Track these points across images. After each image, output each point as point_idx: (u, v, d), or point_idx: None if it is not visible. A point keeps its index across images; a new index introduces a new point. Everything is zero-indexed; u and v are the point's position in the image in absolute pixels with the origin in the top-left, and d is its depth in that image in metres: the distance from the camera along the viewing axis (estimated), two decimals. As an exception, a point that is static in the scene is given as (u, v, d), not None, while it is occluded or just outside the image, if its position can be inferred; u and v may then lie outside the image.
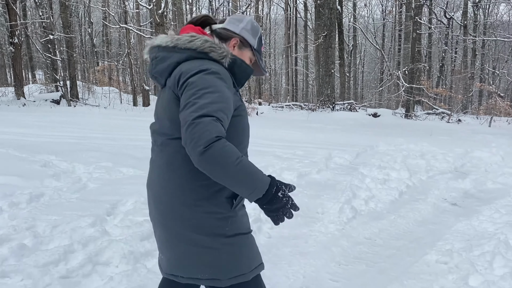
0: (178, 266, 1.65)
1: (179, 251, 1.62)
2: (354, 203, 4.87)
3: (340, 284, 3.05)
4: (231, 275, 1.60)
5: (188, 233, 1.58)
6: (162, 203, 1.63)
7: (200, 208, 1.55)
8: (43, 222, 3.63)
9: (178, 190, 1.58)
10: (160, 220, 1.66)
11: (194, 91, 1.47)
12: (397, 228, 4.32)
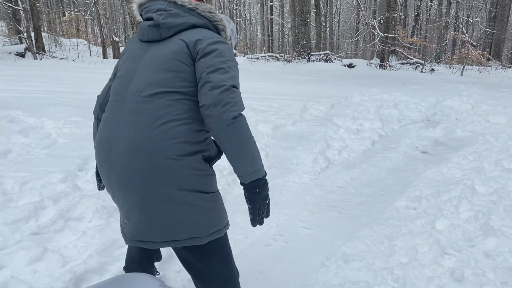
0: (150, 230, 1.57)
1: (156, 212, 1.53)
2: (328, 153, 4.92)
3: (313, 231, 3.12)
4: (210, 231, 1.61)
5: (169, 189, 1.51)
6: (143, 156, 1.50)
7: (185, 163, 1.51)
8: (11, 179, 3.53)
9: (165, 143, 1.50)
10: (135, 179, 1.52)
11: (224, 59, 1.53)
12: (368, 176, 4.41)
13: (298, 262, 2.71)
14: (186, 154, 1.52)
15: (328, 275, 2.53)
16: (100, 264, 2.47)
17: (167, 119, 1.51)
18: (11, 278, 2.27)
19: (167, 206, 1.52)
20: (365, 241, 2.94)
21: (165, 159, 1.49)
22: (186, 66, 1.55)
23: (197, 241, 1.59)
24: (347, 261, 2.66)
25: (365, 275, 2.51)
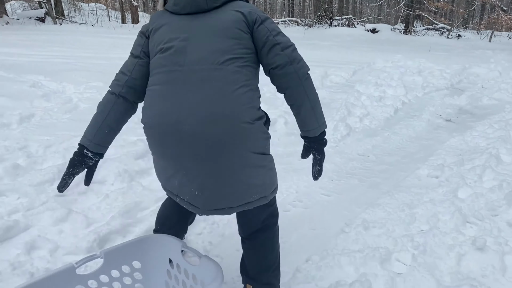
0: (228, 196, 1.61)
1: (234, 177, 1.57)
2: (349, 120, 4.85)
3: (332, 198, 3.12)
4: (271, 189, 1.73)
5: (246, 153, 1.56)
6: (221, 122, 1.50)
7: (256, 127, 1.57)
8: (36, 143, 3.60)
9: (240, 108, 1.53)
10: (213, 146, 1.51)
11: (276, 27, 1.65)
12: (390, 144, 4.35)
13: (317, 228, 2.72)
14: (256, 118, 1.58)
15: (347, 241, 2.53)
16: (123, 225, 2.52)
17: (238, 85, 1.54)
18: (38, 237, 2.34)
19: (243, 169, 1.57)
20: (386, 209, 2.92)
21: (241, 123, 1.53)
22: (244, 34, 1.58)
23: (263, 200, 1.69)
24: (366, 227, 2.66)
25: (384, 242, 2.51)
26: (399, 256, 2.38)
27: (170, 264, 1.87)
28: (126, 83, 1.68)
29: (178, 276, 1.84)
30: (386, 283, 2.11)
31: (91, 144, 1.73)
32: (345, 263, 2.28)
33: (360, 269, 2.24)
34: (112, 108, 1.70)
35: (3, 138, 3.67)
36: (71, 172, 1.76)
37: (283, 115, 4.82)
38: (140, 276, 1.87)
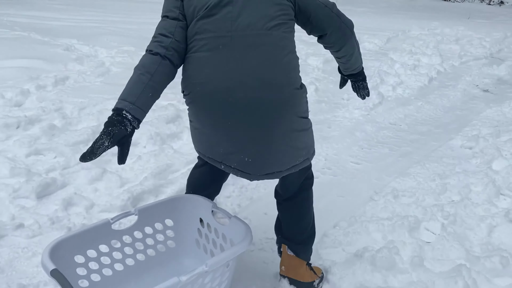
0: (278, 160, 1.62)
1: (285, 141, 1.59)
2: (381, 89, 4.75)
3: (362, 166, 3.09)
4: (312, 151, 1.77)
5: (295, 118, 1.59)
6: (274, 88, 1.50)
7: (302, 92, 1.61)
8: (70, 104, 3.69)
9: (291, 74, 1.57)
10: (266, 112, 1.51)
11: None
12: (423, 114, 4.24)
13: (346, 195, 2.72)
14: (300, 82, 1.61)
15: (376, 208, 2.53)
16: (155, 186, 2.59)
17: (288, 50, 1.55)
18: (75, 195, 2.44)
19: (292, 134, 1.60)
20: (416, 178, 2.88)
21: (292, 89, 1.55)
22: (286, 1, 1.57)
23: (307, 162, 1.73)
24: (396, 196, 2.64)
25: (414, 211, 2.49)
26: (428, 225, 2.37)
27: (201, 223, 1.92)
28: (171, 44, 1.55)
29: (208, 235, 1.89)
30: (414, 250, 2.11)
31: (133, 107, 1.51)
32: (373, 230, 2.29)
33: (388, 236, 2.24)
34: (158, 69, 1.54)
35: (39, 100, 3.78)
36: (109, 131, 1.48)
37: (313, 82, 4.76)
38: (172, 234, 1.94)
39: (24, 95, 3.80)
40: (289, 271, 1.84)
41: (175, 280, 1.41)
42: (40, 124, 3.25)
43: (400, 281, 1.91)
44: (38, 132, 3.10)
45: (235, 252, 1.62)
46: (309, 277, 1.85)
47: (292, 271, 1.84)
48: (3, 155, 2.78)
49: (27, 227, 2.15)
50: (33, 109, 3.54)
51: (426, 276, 1.94)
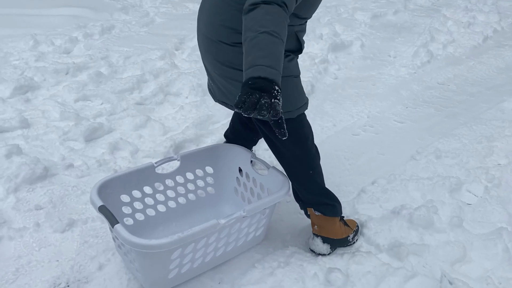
0: (227, 94, 1.71)
1: (227, 80, 1.66)
2: (431, 47, 4.53)
3: (405, 125, 3.02)
4: (298, 105, 1.66)
5: (230, 69, 1.62)
6: (212, 34, 1.61)
7: (231, 48, 1.57)
8: (116, 53, 3.77)
9: (224, 26, 1.58)
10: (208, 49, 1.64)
11: None
12: (474, 74, 4.04)
13: (386, 153, 2.68)
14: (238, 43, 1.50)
15: (417, 168, 2.48)
16: (197, 135, 2.64)
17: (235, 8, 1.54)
18: (120, 140, 2.53)
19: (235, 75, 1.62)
20: (461, 140, 2.79)
21: (223, 43, 1.60)
22: None
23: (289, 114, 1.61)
24: (438, 156, 2.57)
25: (456, 172, 2.43)
26: (471, 187, 2.31)
27: (239, 172, 1.96)
28: None
29: (246, 183, 1.93)
30: (453, 211, 2.08)
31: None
32: (412, 189, 2.26)
33: (427, 196, 2.21)
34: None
35: (87, 48, 3.87)
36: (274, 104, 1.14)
37: (359, 38, 4.60)
38: (211, 181, 1.99)
39: (72, 42, 3.90)
40: (321, 230, 1.83)
41: (214, 222, 1.47)
42: (88, 71, 3.35)
43: (437, 240, 1.90)
44: (85, 79, 3.21)
45: (272, 201, 1.66)
46: (342, 233, 1.86)
47: (325, 230, 1.82)
48: (54, 100, 2.90)
49: (76, 168, 2.27)
50: (81, 57, 3.64)
51: (464, 236, 1.92)
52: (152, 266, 1.49)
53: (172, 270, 1.53)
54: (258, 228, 1.76)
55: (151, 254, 1.42)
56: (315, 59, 3.93)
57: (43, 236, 1.82)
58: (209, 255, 1.63)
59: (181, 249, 1.47)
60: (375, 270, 1.71)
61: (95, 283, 1.64)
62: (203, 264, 1.64)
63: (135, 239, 1.37)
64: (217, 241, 1.60)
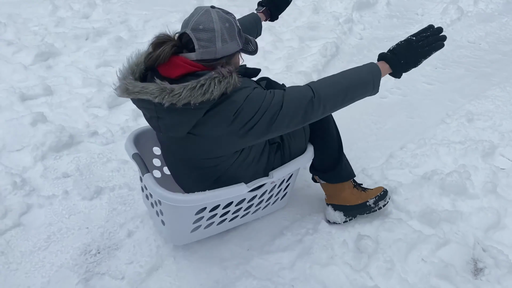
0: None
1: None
2: (461, 3, 4.31)
3: (435, 87, 2.91)
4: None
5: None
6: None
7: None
8: (135, 17, 3.69)
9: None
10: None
11: None
12: (508, 32, 3.84)
13: (415, 117, 2.59)
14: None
15: (447, 131, 2.40)
16: (219, 101, 2.60)
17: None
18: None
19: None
20: (495, 101, 2.68)
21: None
22: None
23: None
24: (470, 119, 2.48)
25: (489, 135, 2.34)
26: (504, 152, 2.23)
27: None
28: None
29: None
30: (486, 176, 2.01)
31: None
32: (443, 153, 2.19)
33: (459, 160, 2.14)
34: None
35: (105, 12, 3.81)
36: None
37: (385, -5, 4.40)
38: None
39: (91, 6, 3.83)
40: (331, 198, 1.79)
41: (241, 186, 1.45)
42: (108, 36, 3.30)
43: (470, 206, 1.85)
44: (106, 44, 3.16)
45: (297, 165, 1.62)
46: (357, 198, 1.78)
47: (334, 198, 1.78)
48: (75, 66, 2.88)
49: (101, 135, 2.26)
50: (100, 21, 3.58)
51: (499, 202, 1.86)
52: (176, 219, 1.50)
53: (195, 226, 1.54)
54: (282, 192, 1.74)
55: (175, 208, 1.42)
56: (339, 18, 3.78)
57: (72, 203, 1.84)
58: (233, 217, 1.63)
59: (207, 207, 1.46)
60: (406, 237, 1.68)
61: (125, 249, 1.66)
62: (226, 224, 1.64)
63: (162, 191, 1.37)
64: (243, 205, 1.58)
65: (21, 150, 2.09)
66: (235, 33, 1.29)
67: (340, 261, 1.61)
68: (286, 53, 3.19)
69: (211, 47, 1.24)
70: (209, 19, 1.24)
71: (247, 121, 1.27)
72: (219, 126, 1.28)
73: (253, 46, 1.40)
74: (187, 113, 1.24)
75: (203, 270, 1.58)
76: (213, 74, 1.22)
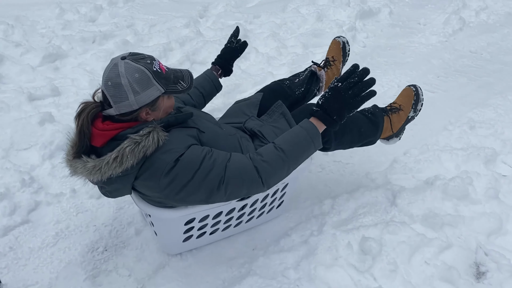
0: None
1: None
2: (463, 13, 4.36)
3: (437, 95, 2.94)
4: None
5: None
6: None
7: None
8: (141, 21, 3.74)
9: None
10: None
11: None
12: (509, 42, 3.88)
13: (418, 123, 2.60)
14: None
15: (450, 138, 2.43)
16: (224, 104, 2.63)
17: None
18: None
19: None
20: (496, 110, 2.71)
21: None
22: None
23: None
24: (472, 127, 2.51)
25: (491, 143, 2.37)
26: (506, 159, 2.26)
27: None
28: None
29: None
30: (488, 182, 2.04)
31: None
32: (446, 159, 2.22)
33: (461, 167, 2.17)
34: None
35: (112, 16, 3.85)
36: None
37: (388, 4, 4.45)
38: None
39: (97, 10, 3.88)
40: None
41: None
42: (114, 39, 3.34)
43: (472, 211, 1.87)
44: (112, 47, 3.20)
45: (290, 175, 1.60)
46: (399, 122, 1.90)
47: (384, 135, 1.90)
48: (82, 68, 2.91)
49: (108, 136, 2.29)
50: (106, 25, 3.62)
51: (501, 208, 1.89)
52: (166, 230, 1.52)
53: (186, 235, 1.56)
54: (277, 201, 1.75)
55: (163, 220, 1.45)
56: (342, 26, 3.83)
57: (80, 202, 1.86)
58: (225, 226, 1.65)
59: (195, 218, 1.49)
60: (409, 240, 1.70)
61: (132, 247, 1.68)
62: (219, 234, 1.67)
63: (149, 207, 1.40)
64: (234, 214, 1.60)
65: (29, 149, 2.11)
66: (151, 80, 1.24)
67: (345, 262, 1.63)
68: (290, 59, 3.23)
69: (124, 101, 1.23)
70: (116, 74, 1.22)
71: (180, 189, 1.27)
72: (153, 190, 1.30)
73: (185, 83, 1.35)
74: (118, 181, 1.27)
75: (210, 268, 1.61)
76: (125, 143, 1.22)
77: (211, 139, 1.41)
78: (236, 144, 1.50)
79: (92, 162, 1.23)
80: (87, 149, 1.28)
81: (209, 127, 1.45)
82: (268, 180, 1.33)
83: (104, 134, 1.26)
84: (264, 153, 1.36)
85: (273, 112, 1.73)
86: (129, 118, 1.28)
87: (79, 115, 1.27)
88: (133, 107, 1.25)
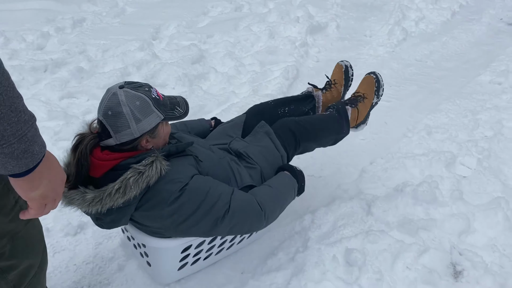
0: None
1: None
2: (404, 24, 4.63)
3: (392, 104, 3.09)
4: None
5: None
6: None
7: None
8: (93, 47, 3.65)
9: None
10: None
11: None
12: (449, 49, 4.17)
13: (379, 133, 2.74)
14: None
15: (410, 145, 2.56)
16: (191, 127, 2.62)
17: None
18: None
19: None
20: (448, 114, 2.89)
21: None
22: None
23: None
24: (429, 132, 2.66)
25: (448, 146, 2.52)
26: (464, 161, 2.41)
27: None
28: None
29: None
30: (452, 184, 2.17)
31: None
32: (410, 166, 2.33)
33: (425, 171, 2.29)
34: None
35: (61, 42, 3.73)
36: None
37: (334, 19, 4.64)
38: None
39: (45, 37, 3.75)
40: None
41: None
42: (67, 67, 3.23)
43: (442, 214, 1.98)
44: (66, 75, 3.10)
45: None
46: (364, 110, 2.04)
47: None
48: (36, 99, 2.79)
49: (75, 168, 2.21)
50: (57, 52, 3.50)
51: (466, 208, 2.01)
52: (162, 260, 1.50)
53: (181, 263, 1.54)
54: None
55: (160, 249, 1.43)
56: (295, 42, 3.94)
57: (55, 241, 1.78)
58: (219, 250, 1.66)
59: (192, 244, 1.49)
60: (390, 247, 1.77)
61: (117, 283, 1.62)
62: (212, 258, 1.67)
63: (147, 237, 1.39)
64: (229, 237, 1.62)
65: (-8, 190, 1.99)
66: (151, 107, 1.24)
67: (332, 276, 1.67)
68: (250, 77, 3.28)
69: (125, 130, 1.21)
70: (116, 103, 1.20)
71: (184, 219, 1.27)
72: (154, 221, 1.30)
73: (181, 109, 1.36)
74: (118, 212, 1.25)
75: (202, 297, 1.58)
76: (128, 174, 1.19)
77: (209, 167, 1.42)
78: (227, 167, 1.51)
79: (92, 193, 1.19)
80: (84, 179, 1.24)
81: (206, 155, 1.46)
82: (269, 215, 1.41)
83: (104, 165, 1.24)
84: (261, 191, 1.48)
85: (257, 132, 1.77)
86: (130, 147, 1.26)
87: (76, 147, 1.23)
88: (134, 135, 1.23)
